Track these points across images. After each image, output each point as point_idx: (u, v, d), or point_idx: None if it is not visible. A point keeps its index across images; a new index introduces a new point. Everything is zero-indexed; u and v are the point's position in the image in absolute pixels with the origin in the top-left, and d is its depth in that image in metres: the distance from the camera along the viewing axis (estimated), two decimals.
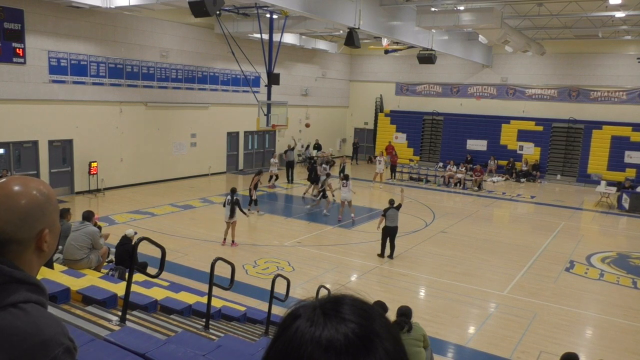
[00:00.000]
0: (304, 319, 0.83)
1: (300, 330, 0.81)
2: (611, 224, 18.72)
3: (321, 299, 0.88)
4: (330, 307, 0.84)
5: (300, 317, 0.84)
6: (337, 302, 0.86)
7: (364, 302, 0.87)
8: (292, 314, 0.86)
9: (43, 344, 1.20)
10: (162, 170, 21.91)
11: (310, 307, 0.86)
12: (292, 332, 0.82)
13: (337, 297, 0.88)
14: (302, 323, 0.82)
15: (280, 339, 0.84)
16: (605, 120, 26.30)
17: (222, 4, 13.51)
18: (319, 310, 0.84)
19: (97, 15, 18.36)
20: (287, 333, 0.83)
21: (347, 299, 0.87)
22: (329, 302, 0.86)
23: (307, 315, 0.83)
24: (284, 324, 0.85)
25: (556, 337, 8.98)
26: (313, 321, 0.82)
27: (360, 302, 0.87)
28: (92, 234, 8.25)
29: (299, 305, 0.87)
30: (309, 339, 0.80)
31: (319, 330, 0.80)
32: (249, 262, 12.19)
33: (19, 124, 16.79)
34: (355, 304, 0.86)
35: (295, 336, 0.81)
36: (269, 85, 19.98)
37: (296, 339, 0.81)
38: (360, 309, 0.85)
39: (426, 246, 14.24)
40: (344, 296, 0.88)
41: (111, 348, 3.55)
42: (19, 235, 1.30)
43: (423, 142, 30.91)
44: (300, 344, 0.80)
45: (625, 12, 18.48)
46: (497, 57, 28.79)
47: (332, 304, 0.85)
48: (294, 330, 0.82)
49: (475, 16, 17.86)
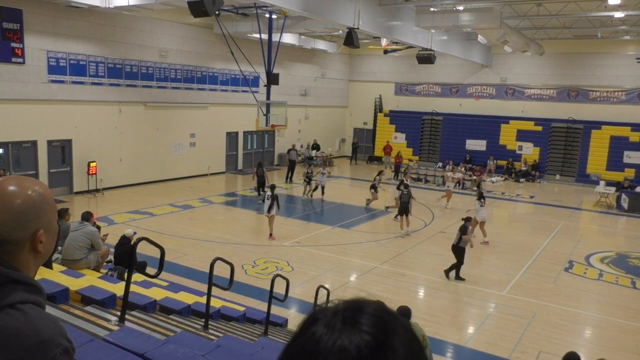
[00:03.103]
0: (322, 324, 0.81)
1: (317, 335, 0.80)
2: (610, 224, 18.74)
3: (344, 303, 0.85)
4: (350, 315, 0.82)
5: (319, 321, 0.82)
6: (359, 309, 0.83)
7: (387, 313, 0.84)
8: (311, 317, 0.85)
9: (41, 344, 1.20)
10: (161, 170, 21.90)
11: (331, 312, 0.83)
12: (308, 337, 0.81)
13: (360, 303, 0.85)
14: (319, 329, 0.81)
15: (296, 342, 0.83)
16: (604, 120, 26.32)
17: (221, 3, 13.51)
18: (338, 317, 0.82)
19: (96, 15, 18.35)
20: (304, 337, 0.82)
21: (370, 307, 0.84)
22: (349, 309, 0.83)
23: (325, 321, 0.82)
24: (302, 326, 0.84)
25: (555, 337, 8.98)
26: (330, 327, 0.80)
27: (383, 312, 0.83)
28: (92, 234, 8.23)
29: (319, 309, 0.86)
30: (324, 346, 0.78)
31: (332, 339, 0.78)
32: (248, 262, 12.18)
33: (18, 124, 16.77)
34: (377, 314, 0.82)
35: (311, 341, 0.80)
36: (268, 85, 19.99)
37: (311, 344, 0.80)
38: (381, 320, 0.81)
39: (425, 246, 14.24)
40: (367, 304, 0.85)
41: (110, 348, 3.54)
42: (14, 235, 1.29)
43: (422, 142, 30.91)
44: (314, 350, 0.79)
45: (624, 12, 18.50)
46: (497, 57, 28.80)
47: (352, 312, 0.82)
48: (311, 335, 0.81)
49: (475, 16, 17.86)
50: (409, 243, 14.38)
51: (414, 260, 13.08)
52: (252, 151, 27.29)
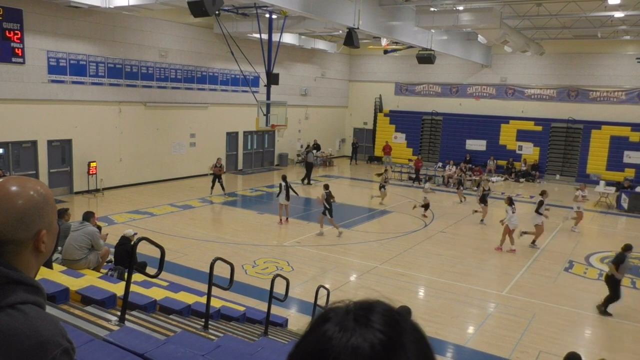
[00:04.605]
0: (334, 322, 0.82)
1: (329, 334, 0.81)
2: (610, 224, 18.74)
3: (354, 303, 0.87)
4: (361, 314, 0.83)
5: (331, 320, 0.83)
6: (370, 309, 0.84)
7: (397, 312, 0.86)
8: (323, 316, 0.85)
9: (41, 345, 1.20)
10: (161, 170, 21.90)
11: (342, 311, 0.85)
12: (320, 335, 0.82)
13: (370, 303, 0.86)
14: (331, 327, 0.82)
15: (307, 340, 0.84)
16: (604, 120, 26.32)
17: (221, 3, 13.51)
18: (350, 316, 0.83)
19: (96, 15, 18.35)
20: (315, 335, 0.83)
21: (380, 307, 0.85)
22: (361, 309, 0.84)
23: (338, 320, 0.83)
24: (314, 325, 0.85)
25: (555, 336, 8.98)
26: (342, 326, 0.81)
27: (393, 312, 0.85)
28: (92, 234, 8.24)
29: (330, 308, 0.87)
30: (336, 344, 0.79)
31: (346, 337, 0.79)
32: (249, 262, 12.19)
33: (18, 124, 16.77)
34: (388, 314, 0.84)
35: (323, 339, 0.81)
36: (268, 85, 19.98)
37: (323, 342, 0.80)
38: (392, 319, 0.83)
39: (425, 246, 14.24)
40: (377, 303, 0.86)
41: (110, 348, 3.54)
42: (16, 236, 1.29)
43: (422, 142, 30.91)
44: (327, 348, 0.79)
45: (624, 12, 18.50)
46: (496, 57, 28.80)
47: (364, 311, 0.84)
48: (322, 333, 0.82)
49: (475, 16, 17.86)
50: (409, 243, 14.38)
51: (414, 260, 13.08)
52: (252, 151, 27.29)
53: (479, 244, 14.70)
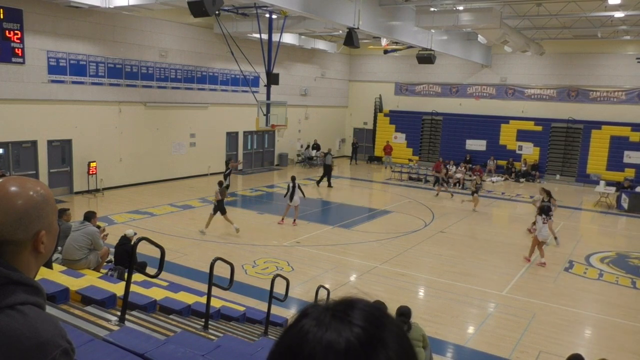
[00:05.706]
0: (311, 318, 0.83)
1: (305, 329, 0.82)
2: (610, 224, 18.73)
3: (335, 301, 0.87)
4: (340, 310, 0.83)
5: (309, 315, 0.84)
6: (350, 305, 0.85)
7: (378, 309, 0.85)
8: (302, 312, 0.86)
9: (41, 346, 1.20)
10: (161, 170, 21.89)
11: (322, 307, 0.85)
12: (297, 330, 0.83)
13: (351, 300, 0.86)
14: (308, 322, 0.83)
15: (286, 335, 0.85)
16: (604, 120, 26.31)
17: (221, 3, 13.50)
18: (328, 312, 0.83)
19: (96, 15, 18.35)
20: (293, 330, 0.84)
21: (361, 303, 0.85)
22: (340, 305, 0.85)
23: (315, 315, 0.83)
24: (293, 321, 0.86)
25: (555, 337, 8.98)
26: (319, 321, 0.82)
27: (374, 309, 0.85)
28: (92, 234, 8.24)
29: (311, 304, 0.88)
30: (312, 338, 0.80)
31: (321, 331, 0.80)
32: (248, 262, 12.18)
33: (18, 124, 16.77)
34: (368, 310, 0.84)
35: (300, 334, 0.82)
36: (268, 85, 19.97)
37: (300, 336, 0.81)
38: (372, 315, 0.83)
39: (425, 246, 14.24)
40: (358, 300, 0.86)
41: (110, 348, 3.54)
42: (16, 236, 1.29)
43: (422, 142, 30.91)
44: (303, 342, 0.80)
45: (624, 12, 18.49)
46: (496, 57, 28.80)
47: (343, 307, 0.84)
48: (300, 328, 0.83)
49: (475, 16, 17.85)
50: (409, 243, 14.38)
51: (414, 260, 13.08)
52: (252, 151, 27.30)
53: (479, 244, 14.70)
